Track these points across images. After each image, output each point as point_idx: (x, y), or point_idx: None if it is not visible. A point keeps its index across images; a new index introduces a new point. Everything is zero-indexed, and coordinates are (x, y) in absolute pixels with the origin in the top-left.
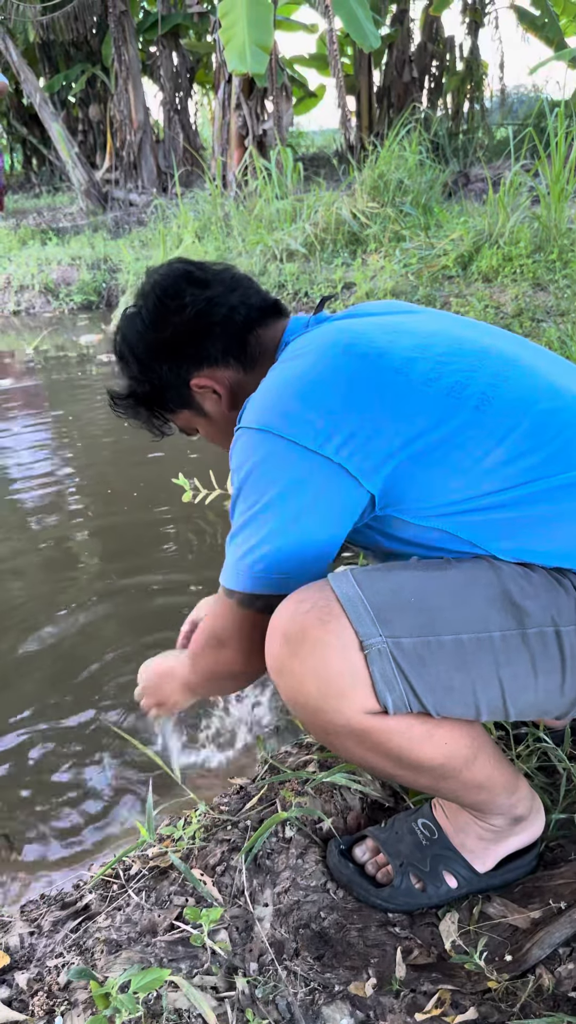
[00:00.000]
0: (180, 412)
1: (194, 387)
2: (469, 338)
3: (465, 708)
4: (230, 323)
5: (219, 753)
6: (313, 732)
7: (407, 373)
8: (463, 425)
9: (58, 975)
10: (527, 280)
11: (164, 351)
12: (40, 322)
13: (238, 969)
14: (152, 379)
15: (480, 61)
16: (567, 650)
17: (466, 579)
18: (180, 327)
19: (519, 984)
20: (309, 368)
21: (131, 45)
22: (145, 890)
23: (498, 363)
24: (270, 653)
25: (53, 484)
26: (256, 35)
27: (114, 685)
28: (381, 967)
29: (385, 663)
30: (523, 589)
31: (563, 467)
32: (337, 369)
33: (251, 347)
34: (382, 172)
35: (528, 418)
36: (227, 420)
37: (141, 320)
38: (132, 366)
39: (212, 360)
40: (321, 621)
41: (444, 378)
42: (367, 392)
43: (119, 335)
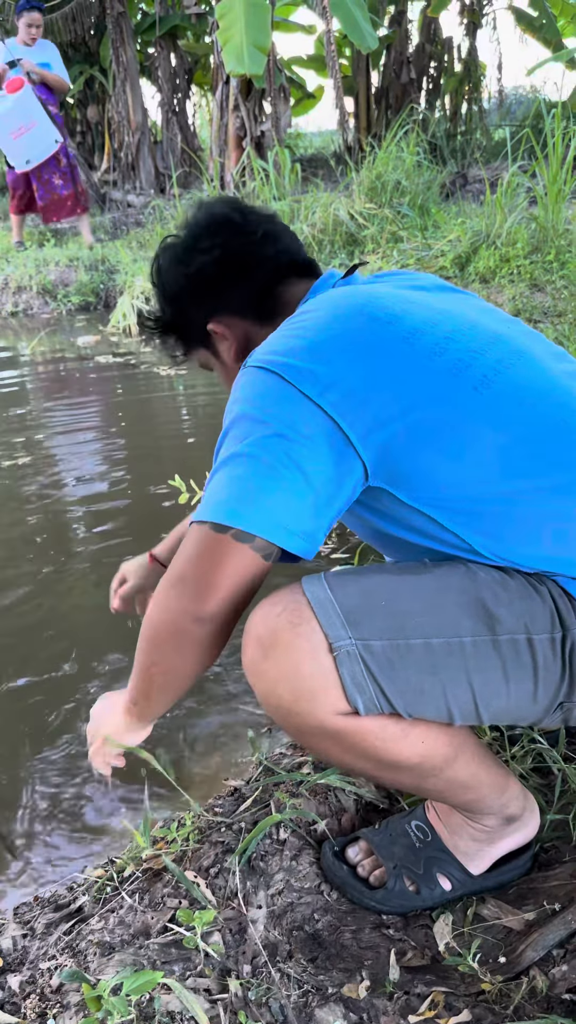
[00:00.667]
0: (199, 349)
1: (211, 330)
2: (484, 323)
3: (437, 711)
4: (256, 276)
5: (213, 755)
6: (290, 734)
7: (412, 343)
8: (458, 405)
9: (51, 977)
10: (524, 281)
11: (188, 288)
12: (38, 323)
13: (231, 971)
14: (174, 311)
15: (478, 62)
16: (539, 658)
17: (440, 584)
18: (206, 268)
19: (513, 986)
20: (321, 321)
21: (129, 46)
22: (138, 892)
23: (506, 350)
24: (245, 656)
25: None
26: (254, 36)
27: (108, 685)
28: (375, 969)
29: (355, 665)
30: (497, 596)
31: (552, 468)
32: (347, 327)
33: (270, 302)
34: (380, 173)
35: (524, 411)
36: (235, 369)
37: (173, 252)
38: (159, 295)
39: (230, 308)
40: (292, 624)
41: (448, 354)
42: (372, 354)
43: (156, 261)
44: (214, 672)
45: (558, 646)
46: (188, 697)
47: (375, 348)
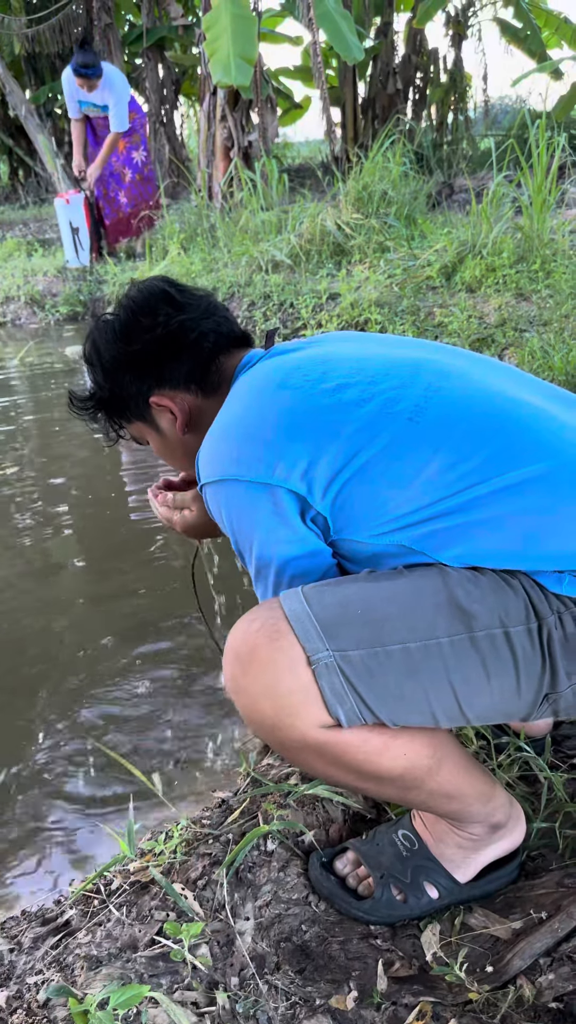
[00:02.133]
0: (135, 423)
1: (153, 403)
2: (404, 356)
3: (421, 716)
4: (197, 349)
5: (200, 766)
6: (273, 747)
7: (339, 398)
8: (397, 437)
9: (37, 992)
10: (510, 290)
11: (129, 364)
12: (26, 333)
13: (219, 984)
14: (114, 387)
15: (464, 73)
16: (518, 651)
17: (413, 588)
18: (149, 344)
19: (500, 995)
20: (247, 409)
21: (116, 58)
22: (126, 905)
23: (431, 375)
24: (225, 673)
25: (32, 490)
26: (241, 47)
27: (96, 698)
28: (362, 980)
29: (333, 677)
30: (470, 593)
31: (501, 469)
32: (273, 405)
33: (212, 374)
34: (367, 183)
35: (463, 424)
36: (178, 441)
37: (113, 330)
38: (97, 371)
39: (174, 382)
40: (270, 639)
41: (376, 397)
42: (303, 421)
43: (90, 339)
44: (201, 683)
45: (535, 636)
46: (175, 709)
47: (305, 415)
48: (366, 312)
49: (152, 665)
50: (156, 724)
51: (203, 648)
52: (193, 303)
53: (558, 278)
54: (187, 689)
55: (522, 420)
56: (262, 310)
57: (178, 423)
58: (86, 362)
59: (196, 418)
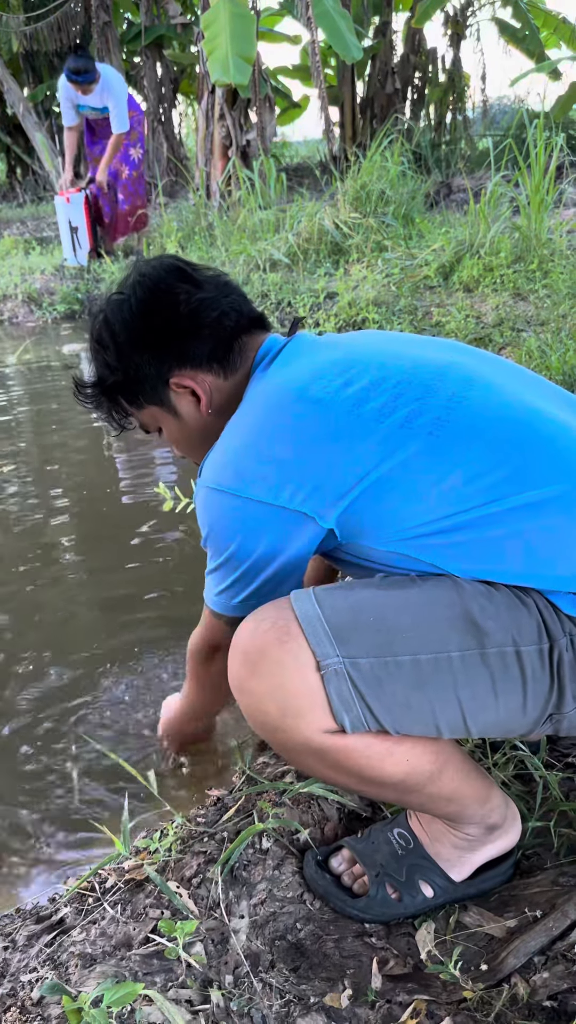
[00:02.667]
0: (148, 408)
1: (173, 385)
2: (427, 362)
3: (424, 727)
4: (219, 327)
5: (196, 764)
6: (275, 749)
7: (359, 412)
8: (417, 453)
9: (31, 990)
10: (507, 290)
11: (149, 343)
12: (23, 332)
13: (213, 982)
14: (128, 369)
15: (462, 73)
16: (528, 670)
17: (427, 599)
18: (170, 322)
19: (494, 993)
20: (262, 421)
21: (115, 56)
22: (120, 903)
23: (455, 383)
24: (231, 671)
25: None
26: (239, 46)
27: (89, 696)
28: (357, 978)
29: (342, 684)
30: (484, 609)
31: (520, 487)
32: (289, 418)
33: (234, 354)
34: (365, 183)
35: (484, 438)
36: (201, 425)
37: (129, 308)
38: (110, 352)
39: (196, 361)
40: (279, 641)
41: (398, 411)
42: (320, 437)
43: (101, 318)
44: None
45: (546, 657)
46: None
47: (322, 430)
48: (363, 311)
49: (148, 662)
50: (151, 721)
51: None
52: (209, 280)
53: (555, 278)
54: (182, 687)
55: (543, 437)
56: (260, 309)
57: (202, 404)
58: (96, 343)
59: (218, 399)
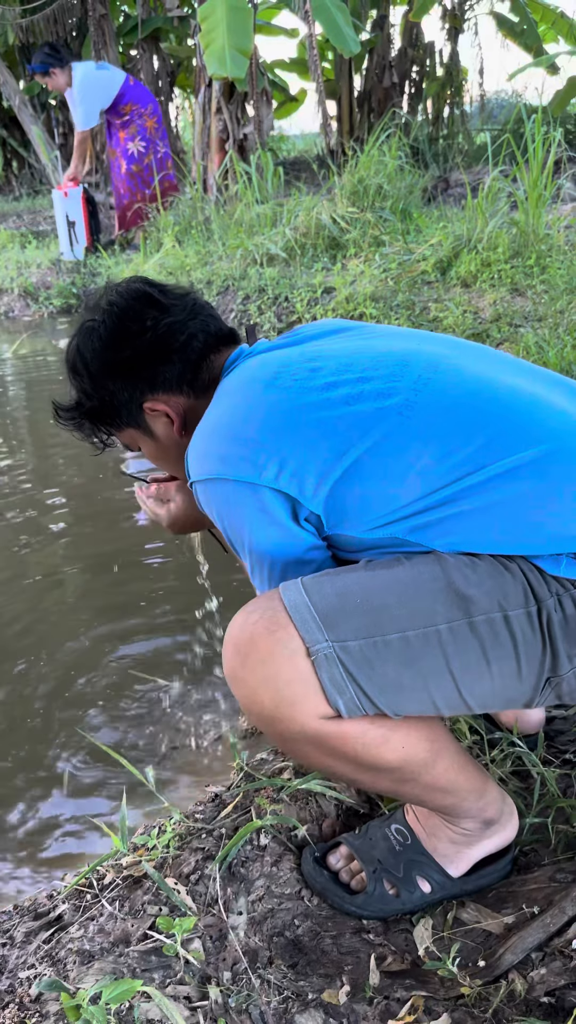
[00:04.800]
0: (127, 430)
1: (147, 409)
2: (393, 349)
3: (421, 705)
4: (188, 350)
5: (194, 761)
6: (272, 739)
7: (328, 396)
8: (389, 433)
9: (29, 987)
10: (505, 285)
11: (119, 371)
12: (19, 326)
13: (211, 978)
14: (103, 396)
15: (460, 67)
16: (518, 634)
17: (411, 576)
18: (139, 349)
19: (492, 990)
20: (235, 408)
21: (111, 49)
22: (119, 900)
23: (420, 367)
24: (225, 664)
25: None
26: (236, 39)
27: (88, 692)
28: (355, 974)
29: (333, 668)
30: (467, 578)
31: (493, 457)
32: (261, 404)
33: (203, 374)
34: (362, 177)
35: (453, 414)
36: (175, 444)
37: (99, 337)
38: (84, 380)
39: (166, 385)
40: (269, 630)
41: (366, 393)
42: (291, 421)
43: (74, 347)
44: (194, 677)
45: (535, 619)
46: (168, 703)
47: (294, 415)
48: (361, 306)
49: (145, 658)
50: (149, 718)
51: (197, 641)
52: (177, 304)
53: (553, 273)
54: (180, 683)
55: (514, 407)
56: (256, 304)
57: (175, 426)
58: (71, 371)
59: (191, 419)
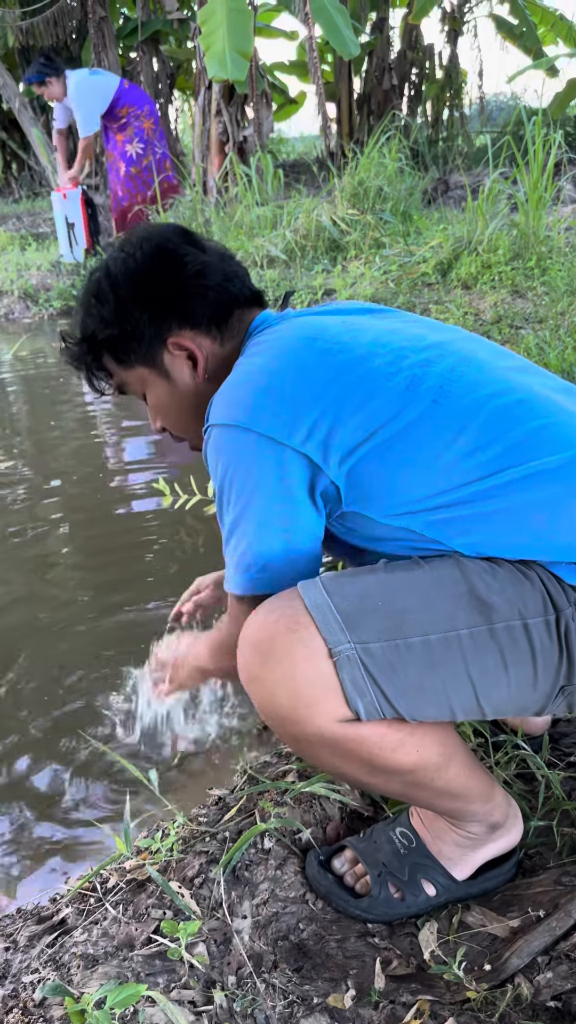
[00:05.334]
0: (137, 368)
1: (170, 346)
2: (428, 336)
3: (439, 710)
4: (223, 292)
5: (197, 764)
6: (285, 741)
7: (367, 367)
8: (420, 418)
9: (33, 991)
10: (506, 287)
11: (150, 299)
12: (19, 328)
13: (216, 983)
14: (125, 324)
15: (459, 69)
16: (536, 642)
17: (432, 579)
18: (176, 279)
19: (498, 994)
20: (273, 362)
21: (111, 51)
22: (122, 903)
23: (454, 359)
24: (241, 663)
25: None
26: (236, 42)
27: (90, 694)
28: (360, 978)
29: (355, 669)
30: (489, 585)
31: (520, 459)
32: (301, 363)
33: (233, 322)
34: (362, 179)
35: (484, 411)
36: (191, 391)
37: (134, 262)
38: (108, 305)
39: (196, 322)
40: (289, 630)
41: (402, 372)
42: (329, 385)
43: (100, 274)
44: None
45: (552, 628)
46: (172, 706)
47: (332, 379)
48: None
49: (146, 659)
50: (152, 721)
51: None
52: (213, 249)
53: (554, 275)
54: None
55: (541, 411)
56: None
57: (199, 367)
58: (93, 297)
59: (213, 366)
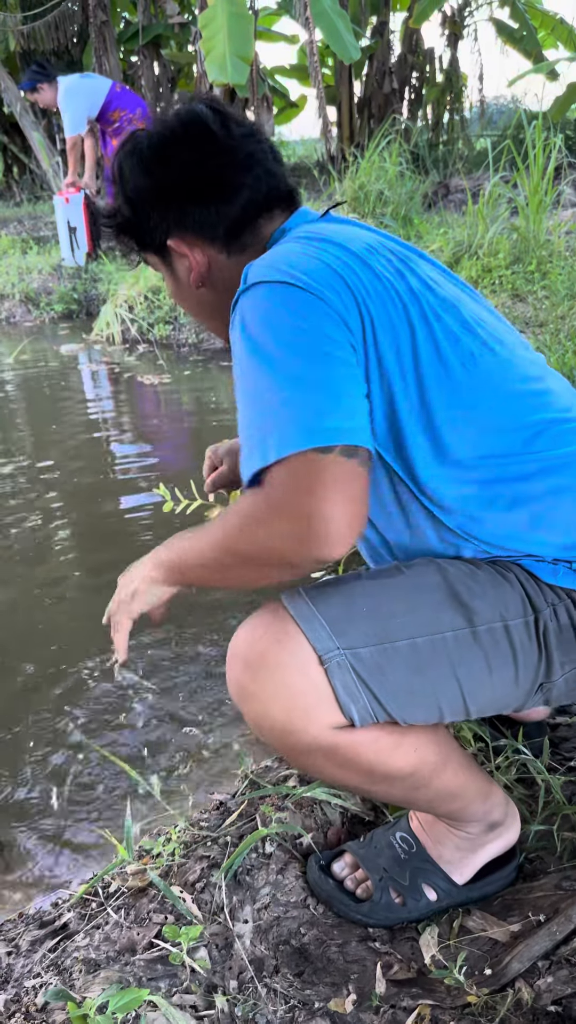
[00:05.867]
0: (151, 254)
1: (170, 246)
2: (463, 299)
3: (428, 711)
4: (229, 202)
5: (198, 768)
6: (284, 754)
7: (418, 302)
8: (451, 378)
9: (36, 996)
10: (506, 291)
11: (150, 196)
12: (21, 331)
13: (217, 987)
14: (132, 216)
15: (459, 73)
16: (516, 643)
17: (414, 584)
18: (174, 180)
19: (498, 998)
20: (329, 248)
21: (112, 55)
22: (124, 908)
23: (488, 335)
24: (231, 680)
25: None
26: (237, 46)
27: (90, 698)
28: (361, 983)
29: (346, 675)
30: (470, 588)
31: (527, 456)
32: (355, 267)
33: (245, 235)
34: (363, 183)
35: (501, 397)
36: (195, 294)
37: (140, 152)
38: (120, 192)
39: (197, 229)
40: (278, 641)
41: (442, 320)
42: (389, 294)
43: (118, 158)
44: (198, 684)
45: (532, 628)
46: (172, 711)
47: (384, 295)
48: None
49: (149, 666)
50: (153, 725)
51: (200, 649)
52: (236, 146)
53: (554, 279)
54: (184, 690)
55: (554, 407)
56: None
57: (192, 275)
58: (115, 174)
59: (214, 274)
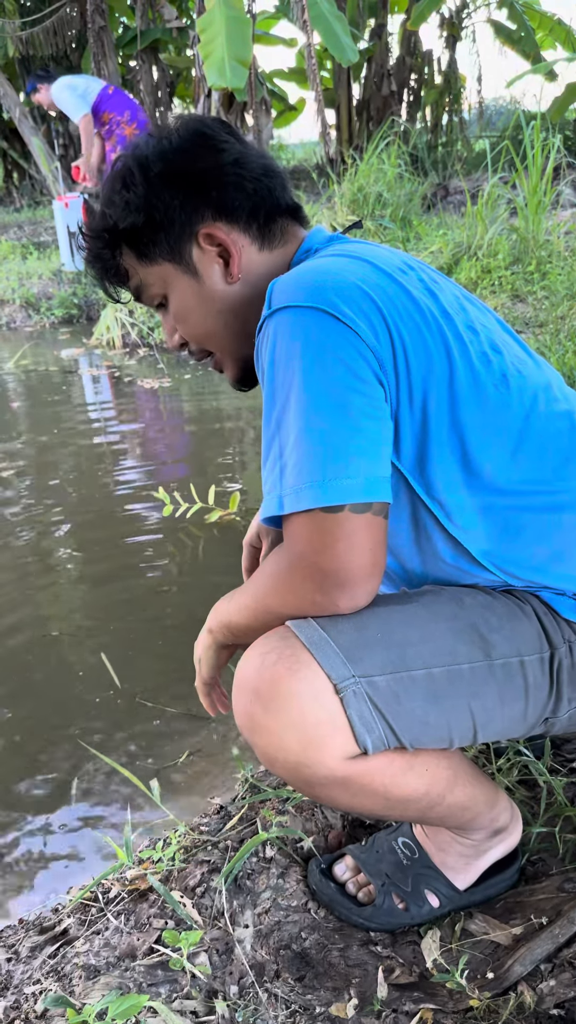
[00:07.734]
0: (161, 264)
1: (202, 237)
2: (492, 325)
3: (439, 740)
4: (262, 185)
5: (198, 772)
6: (297, 787)
7: (449, 323)
8: (483, 400)
9: (35, 1002)
10: (506, 292)
11: (186, 181)
12: (21, 336)
13: (218, 992)
14: (153, 210)
15: (458, 74)
16: (530, 678)
17: (429, 613)
18: (212, 164)
19: (501, 1002)
20: (357, 268)
21: (110, 60)
22: (124, 913)
23: (514, 357)
24: (240, 712)
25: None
26: (235, 50)
27: (91, 703)
28: (363, 987)
29: (362, 704)
30: (488, 621)
31: (556, 484)
32: (384, 287)
33: (276, 225)
34: (362, 185)
35: (532, 422)
36: (221, 294)
37: (170, 143)
38: (136, 190)
39: (233, 215)
40: (291, 670)
41: (474, 343)
42: (415, 320)
43: (133, 153)
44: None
45: (546, 665)
46: (172, 714)
47: (417, 317)
48: None
49: (148, 669)
50: (152, 730)
51: None
52: (249, 143)
53: (553, 279)
54: (183, 694)
55: None
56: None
57: (232, 264)
58: (119, 180)
59: (249, 269)
